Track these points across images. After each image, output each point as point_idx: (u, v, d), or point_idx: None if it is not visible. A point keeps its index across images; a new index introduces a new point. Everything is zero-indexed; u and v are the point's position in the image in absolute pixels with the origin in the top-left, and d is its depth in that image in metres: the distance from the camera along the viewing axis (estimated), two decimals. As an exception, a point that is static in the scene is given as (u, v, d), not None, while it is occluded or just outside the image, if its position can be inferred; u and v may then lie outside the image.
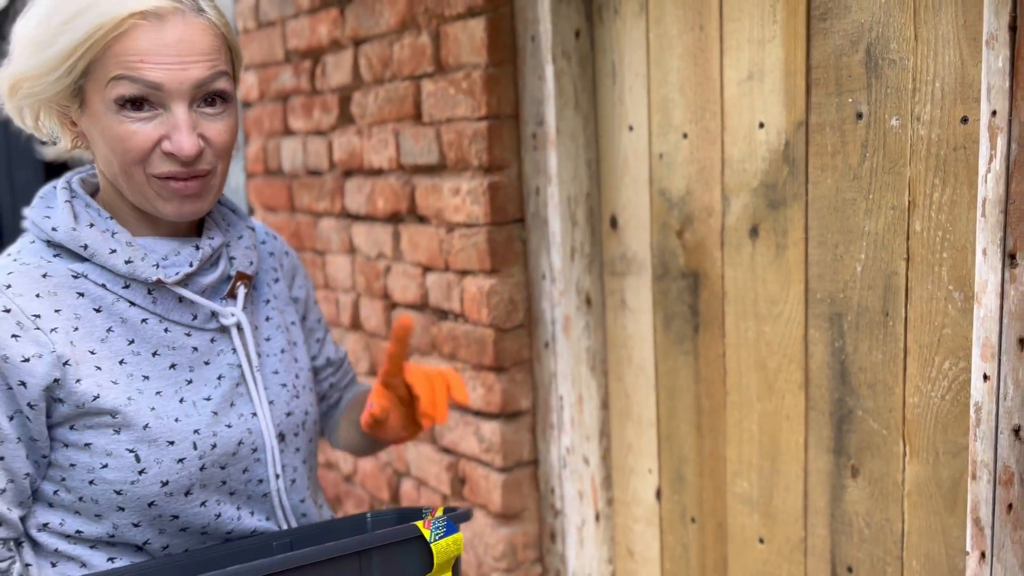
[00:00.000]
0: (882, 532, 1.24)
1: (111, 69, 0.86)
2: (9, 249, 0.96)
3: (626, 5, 1.46)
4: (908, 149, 1.15)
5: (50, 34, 0.86)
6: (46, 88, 0.88)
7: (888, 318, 1.20)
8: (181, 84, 0.87)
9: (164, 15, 0.86)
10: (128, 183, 0.91)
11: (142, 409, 0.91)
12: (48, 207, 0.94)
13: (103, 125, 0.88)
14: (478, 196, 1.55)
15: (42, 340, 0.88)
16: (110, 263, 0.92)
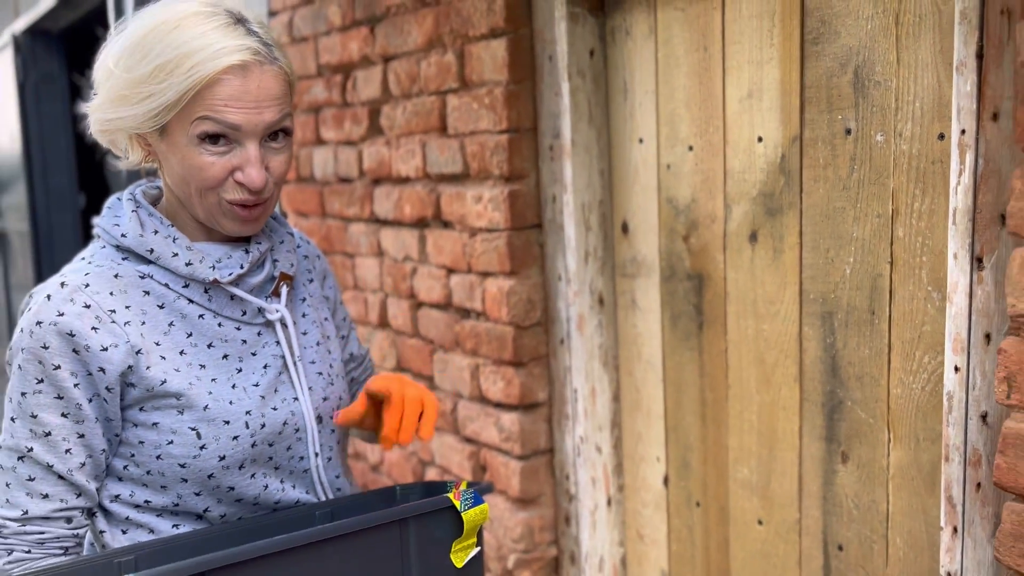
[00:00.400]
0: (869, 512, 1.36)
1: (197, 110, 0.97)
2: (82, 253, 1.08)
3: (637, 27, 1.58)
4: (891, 162, 1.26)
5: (147, 80, 0.97)
6: (138, 124, 0.99)
7: (874, 316, 1.31)
8: (256, 126, 0.99)
9: (248, 66, 0.97)
10: (200, 202, 1.02)
11: (201, 393, 1.03)
12: (116, 216, 1.06)
13: (183, 154, 0.99)
14: (499, 203, 1.68)
15: (117, 332, 1.00)
16: (172, 265, 1.04)
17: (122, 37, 1.00)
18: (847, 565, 1.40)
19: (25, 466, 1.00)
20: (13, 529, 0.99)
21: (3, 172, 6.16)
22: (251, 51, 0.97)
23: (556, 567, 1.81)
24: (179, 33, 0.97)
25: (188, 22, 0.97)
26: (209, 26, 0.97)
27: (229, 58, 0.96)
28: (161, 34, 0.97)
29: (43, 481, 1.00)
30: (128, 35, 1.00)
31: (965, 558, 1.13)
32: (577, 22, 1.60)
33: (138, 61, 0.97)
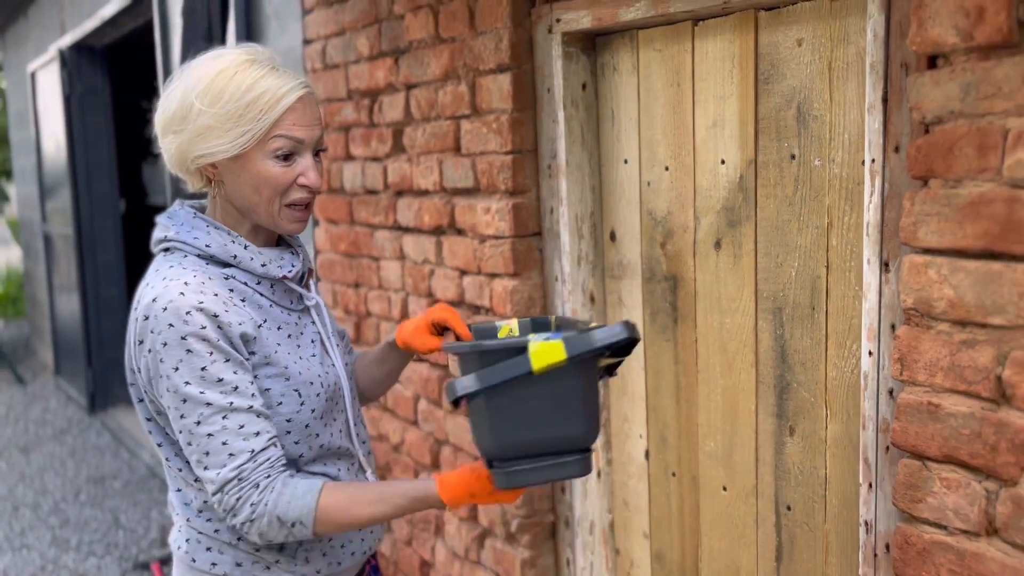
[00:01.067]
0: (811, 477, 1.61)
1: (272, 132, 1.23)
2: (168, 262, 1.27)
3: (622, 64, 1.84)
4: (827, 183, 1.52)
5: (233, 116, 1.22)
6: (224, 150, 1.24)
7: (814, 311, 1.56)
8: (313, 140, 1.27)
9: (304, 97, 1.25)
10: (267, 208, 1.27)
11: (291, 363, 1.30)
12: (191, 231, 1.30)
13: (257, 169, 1.25)
14: (504, 214, 1.94)
15: (240, 312, 1.25)
16: (251, 267, 1.29)
17: (188, 83, 1.25)
18: (794, 522, 1.65)
19: (232, 419, 1.21)
20: (249, 469, 1.21)
21: (49, 179, 6.52)
22: (303, 86, 1.26)
23: (553, 531, 2.07)
24: (242, 78, 1.22)
25: (243, 68, 1.23)
26: (262, 71, 1.24)
27: (295, 92, 1.24)
28: (226, 79, 1.22)
29: (250, 423, 1.22)
30: (196, 81, 1.24)
31: (878, 509, 1.38)
32: (571, 60, 1.86)
33: (215, 101, 1.22)
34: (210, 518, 1.33)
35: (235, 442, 1.21)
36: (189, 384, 1.20)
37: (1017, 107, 1.09)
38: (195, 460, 1.23)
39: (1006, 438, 1.12)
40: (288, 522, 1.23)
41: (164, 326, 1.20)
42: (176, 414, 1.23)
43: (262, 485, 1.22)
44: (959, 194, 1.16)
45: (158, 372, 1.22)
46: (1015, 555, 1.13)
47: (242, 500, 1.21)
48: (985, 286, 1.14)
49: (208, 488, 1.24)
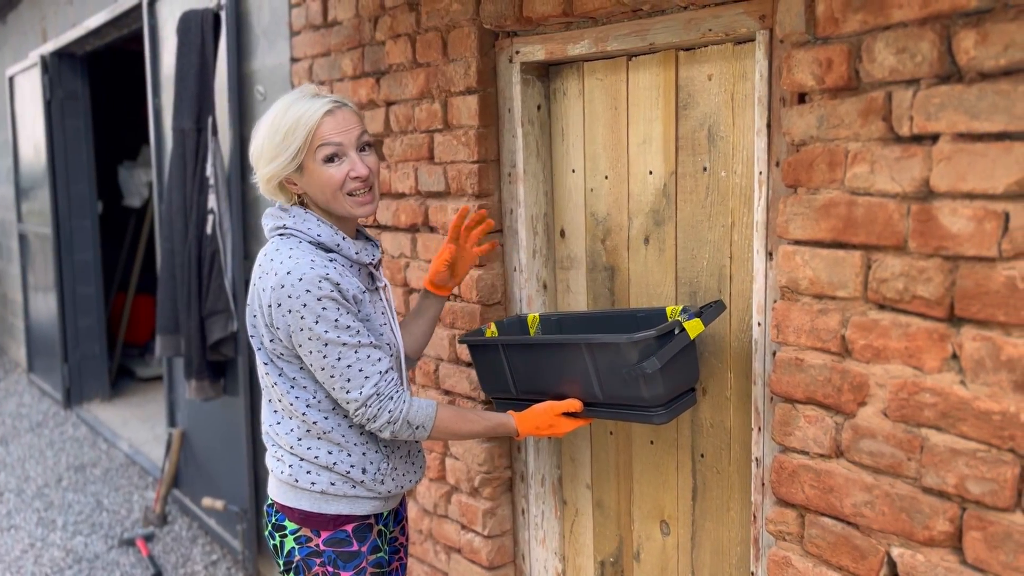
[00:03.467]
0: (719, 429, 1.98)
1: (316, 142, 1.63)
2: (291, 247, 1.64)
3: (570, 89, 2.21)
4: (730, 190, 1.89)
5: (283, 141, 1.62)
6: (285, 167, 1.64)
7: (721, 294, 1.93)
8: (351, 140, 1.66)
9: (333, 110, 1.64)
10: (336, 202, 1.67)
11: (376, 326, 1.72)
12: (305, 222, 1.68)
13: (317, 175, 1.65)
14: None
15: (351, 281, 1.66)
16: (349, 253, 1.70)
17: (262, 124, 1.67)
18: (706, 467, 2.02)
19: (362, 351, 1.62)
20: (383, 385, 1.64)
21: (25, 181, 6.72)
22: (331, 101, 1.65)
23: (510, 485, 2.41)
24: (286, 108, 1.64)
25: (290, 103, 1.65)
26: (304, 100, 1.65)
27: (324, 108, 1.63)
28: (280, 114, 1.64)
29: (374, 353, 1.64)
30: (265, 122, 1.66)
31: (764, 447, 1.76)
32: (528, 85, 2.22)
33: (274, 133, 1.64)
34: (310, 446, 1.71)
35: (368, 367, 1.63)
36: (328, 332, 1.59)
37: (855, 134, 1.47)
38: (339, 387, 1.62)
39: (848, 381, 1.50)
40: (414, 425, 1.67)
41: (302, 291, 1.58)
42: (319, 355, 1.61)
43: (395, 397, 1.66)
44: (816, 199, 1.53)
45: (299, 326, 1.59)
46: (854, 470, 1.51)
47: (382, 409, 1.64)
48: (833, 268, 1.51)
49: (351, 406, 1.64)
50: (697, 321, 1.72)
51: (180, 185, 3.46)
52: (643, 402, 1.72)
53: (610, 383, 1.74)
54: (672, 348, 1.68)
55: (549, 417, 1.81)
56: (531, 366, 1.88)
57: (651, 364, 1.66)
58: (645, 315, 1.89)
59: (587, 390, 1.79)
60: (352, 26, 2.70)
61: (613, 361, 1.71)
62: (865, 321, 1.47)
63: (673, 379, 1.73)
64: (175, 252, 3.53)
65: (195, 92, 3.36)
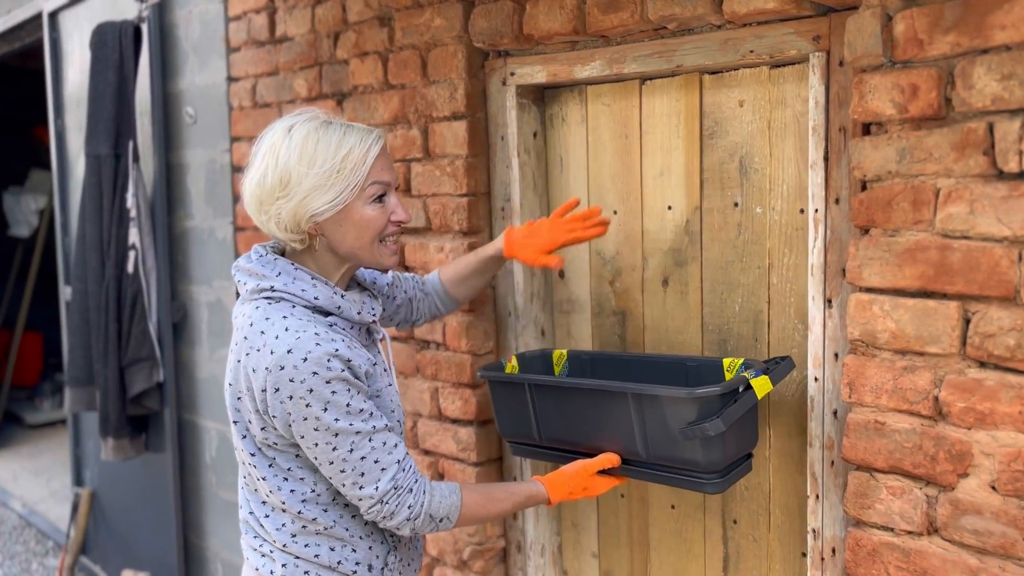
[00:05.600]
0: (756, 492, 1.78)
1: (367, 181, 1.38)
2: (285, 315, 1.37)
3: (571, 116, 1.99)
4: (767, 228, 1.71)
5: (334, 177, 1.35)
6: (333, 203, 1.36)
7: (757, 343, 1.75)
8: (395, 179, 1.44)
9: (382, 146, 1.40)
10: (369, 250, 1.41)
11: (386, 395, 1.47)
12: (296, 281, 1.40)
13: (359, 216, 1.39)
14: (459, 253, 2.04)
15: (360, 354, 1.39)
16: (350, 315, 1.43)
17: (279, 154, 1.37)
18: (740, 534, 1.82)
19: (376, 439, 1.37)
20: (401, 478, 1.40)
21: None
22: (380, 136, 1.41)
23: (504, 556, 2.16)
24: (329, 138, 1.37)
25: (323, 130, 1.38)
26: (340, 129, 1.39)
27: (379, 142, 1.40)
28: (315, 142, 1.37)
29: (389, 439, 1.40)
30: (287, 150, 1.37)
31: (824, 516, 1.57)
32: (524, 110, 1.99)
33: (312, 163, 1.35)
34: (307, 543, 1.43)
35: (384, 458, 1.38)
36: (339, 420, 1.33)
37: (947, 169, 1.30)
38: (350, 483, 1.37)
39: (944, 449, 1.32)
40: (438, 518, 1.45)
41: (308, 374, 1.31)
42: (326, 448, 1.34)
43: (415, 489, 1.42)
44: (897, 242, 1.36)
45: (302, 415, 1.32)
46: (953, 550, 1.33)
47: (400, 505, 1.40)
48: (922, 320, 1.34)
49: (364, 503, 1.38)
50: (765, 379, 1.51)
51: (96, 218, 3.07)
52: (696, 467, 1.51)
53: (658, 441, 1.53)
54: (738, 409, 1.48)
55: (583, 479, 1.60)
56: (562, 412, 1.66)
57: (715, 426, 1.45)
58: (697, 365, 1.69)
59: (627, 446, 1.58)
60: (307, 42, 2.42)
61: (666, 417, 1.50)
62: (964, 381, 1.30)
63: (733, 444, 1.53)
64: (89, 293, 3.12)
65: (113, 114, 2.99)
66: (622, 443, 1.59)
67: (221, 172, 2.87)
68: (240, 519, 1.53)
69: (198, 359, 3.09)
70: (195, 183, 3.01)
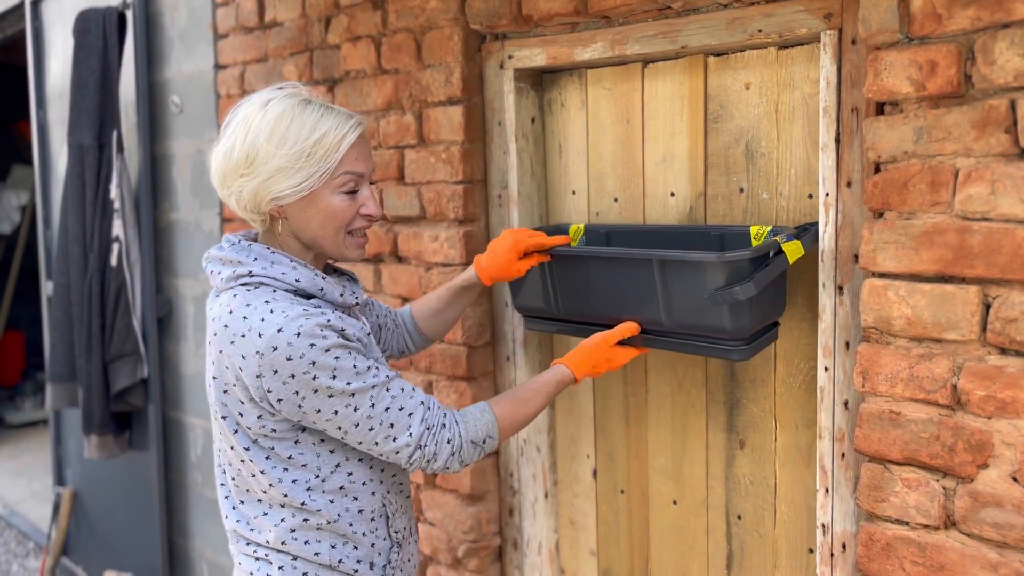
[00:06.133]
0: (761, 487, 1.73)
1: (339, 170, 1.31)
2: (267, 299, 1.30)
3: (570, 100, 1.93)
4: (774, 215, 1.66)
5: (302, 156, 1.28)
6: (296, 189, 1.29)
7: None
8: (370, 171, 1.37)
9: (359, 134, 1.33)
10: (333, 240, 1.34)
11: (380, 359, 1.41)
12: (274, 265, 1.34)
13: (325, 205, 1.31)
14: (455, 242, 1.98)
15: (351, 322, 1.34)
16: (332, 297, 1.37)
17: (251, 128, 1.29)
18: (744, 530, 1.76)
19: (394, 386, 1.34)
20: (430, 417, 1.36)
21: None
22: (360, 122, 1.34)
23: (500, 554, 2.09)
24: (303, 119, 1.29)
25: (300, 109, 1.30)
26: (319, 111, 1.31)
27: (356, 130, 1.32)
28: (288, 121, 1.28)
29: (404, 384, 1.36)
30: (258, 126, 1.29)
31: (834, 511, 1.51)
32: (522, 94, 1.94)
33: (282, 143, 1.28)
34: (307, 540, 1.36)
35: (407, 402, 1.35)
36: (351, 383, 1.29)
37: (966, 149, 1.26)
38: (383, 438, 1.32)
39: (962, 440, 1.27)
40: (480, 440, 1.41)
41: (305, 348, 1.25)
42: (349, 411, 1.29)
43: (447, 424, 1.38)
44: (914, 225, 1.31)
45: (311, 388, 1.27)
46: (972, 544, 1.28)
47: (440, 442, 1.36)
48: (940, 305, 1.29)
49: (403, 453, 1.34)
50: (797, 243, 1.46)
51: (78, 209, 2.99)
52: (722, 334, 1.47)
53: (683, 309, 1.48)
54: (770, 272, 1.42)
55: (604, 351, 1.56)
56: (581, 283, 1.61)
57: (746, 290, 1.39)
58: (721, 234, 1.63)
59: (650, 315, 1.54)
60: (297, 27, 2.35)
61: (693, 284, 1.45)
62: (985, 368, 1.25)
63: (760, 310, 1.47)
64: (71, 287, 3.04)
65: (96, 102, 2.91)
66: (644, 312, 1.54)
67: (208, 163, 2.79)
68: (228, 529, 1.46)
69: (183, 355, 3.02)
70: (181, 174, 2.93)
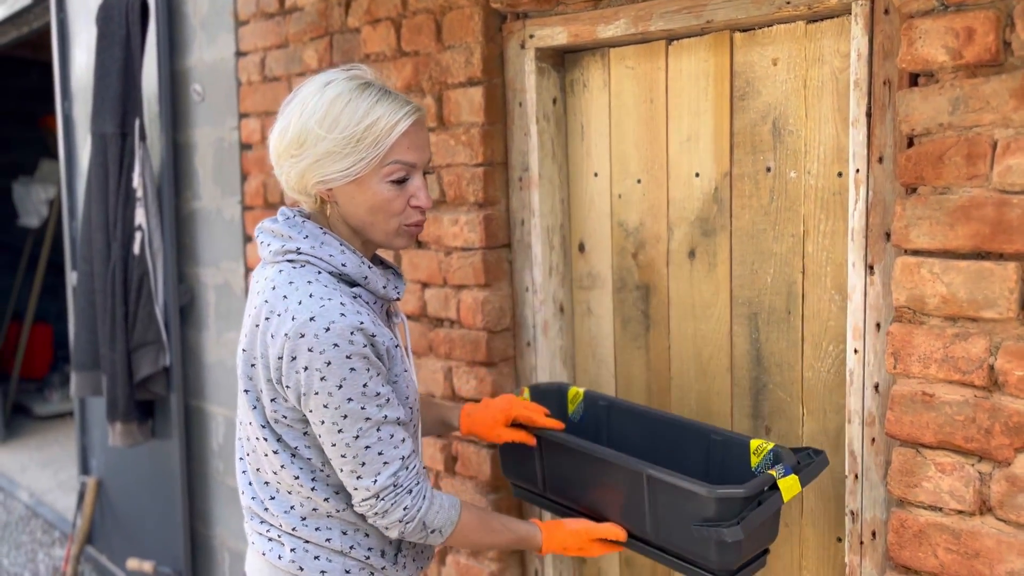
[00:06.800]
0: (788, 474, 1.68)
1: (388, 158, 1.27)
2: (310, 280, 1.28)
3: (593, 81, 1.90)
4: (802, 194, 1.61)
5: (351, 144, 1.25)
6: (344, 173, 1.27)
7: (790, 315, 1.65)
8: (424, 162, 1.33)
9: (418, 120, 1.29)
10: (383, 228, 1.31)
11: (402, 378, 1.36)
12: (323, 246, 1.31)
13: (373, 192, 1.28)
14: (475, 225, 1.95)
15: (384, 331, 1.30)
16: (376, 288, 1.34)
17: (305, 110, 1.27)
18: (770, 519, 1.72)
19: (385, 430, 1.28)
20: (403, 476, 1.30)
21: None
22: (416, 110, 1.29)
23: (521, 543, 2.06)
24: (357, 103, 1.26)
25: (357, 93, 1.27)
26: (375, 96, 1.28)
27: (410, 118, 1.28)
28: (342, 104, 1.26)
29: (398, 433, 1.30)
30: (313, 107, 1.27)
31: (864, 497, 1.47)
32: (543, 75, 1.90)
33: (333, 127, 1.26)
34: (318, 527, 1.35)
35: (388, 451, 1.28)
36: (351, 400, 1.24)
37: (1005, 119, 1.21)
38: (348, 470, 1.28)
39: (1000, 422, 1.22)
40: (430, 528, 1.34)
41: (328, 346, 1.22)
42: (334, 428, 1.25)
43: (414, 492, 1.32)
44: (949, 199, 1.26)
45: (315, 388, 1.23)
46: (1009, 530, 1.23)
47: (396, 504, 1.30)
48: (976, 283, 1.24)
49: (359, 494, 1.29)
50: (794, 479, 1.38)
51: (101, 198, 2.99)
52: (708, 563, 1.39)
53: (669, 528, 1.41)
54: (759, 515, 1.35)
55: (582, 540, 1.48)
56: (571, 470, 1.54)
57: (733, 533, 1.32)
58: (722, 440, 1.55)
59: (636, 523, 1.46)
60: (317, 11, 2.33)
61: (679, 507, 1.38)
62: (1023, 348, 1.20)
63: (750, 544, 1.39)
64: (94, 275, 3.05)
65: (119, 91, 2.91)
66: (629, 517, 1.47)
67: (229, 151, 2.79)
68: (243, 505, 1.44)
69: (205, 343, 3.02)
70: (203, 162, 2.93)
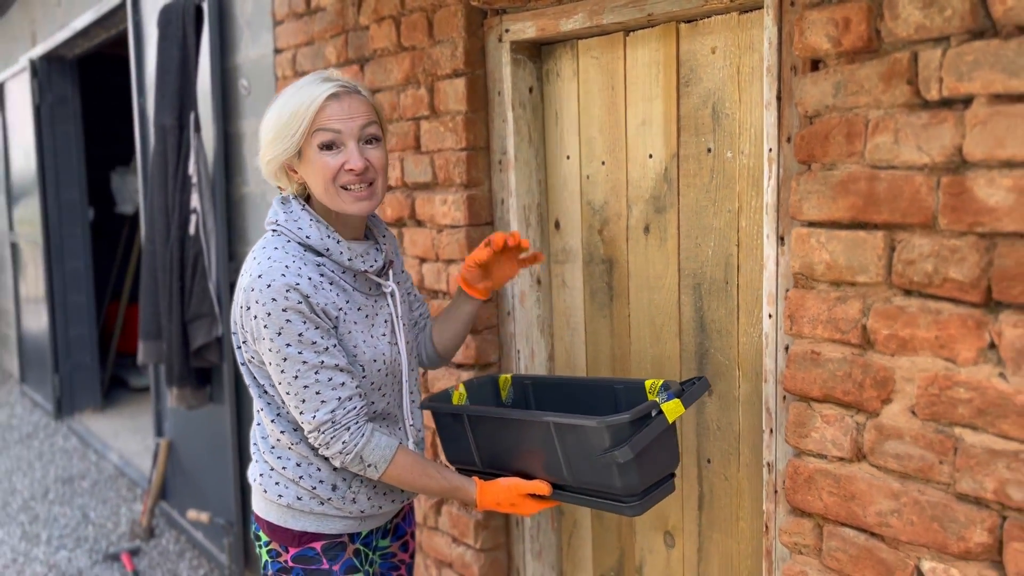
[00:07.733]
0: (727, 432, 1.82)
1: (313, 127, 1.47)
2: (273, 244, 1.51)
3: (564, 70, 2.06)
4: (737, 172, 1.74)
5: (283, 127, 1.48)
6: (286, 152, 1.49)
7: (728, 285, 1.78)
8: (351, 129, 1.49)
9: (339, 94, 1.49)
10: (328, 195, 1.51)
11: (360, 343, 1.54)
12: (295, 220, 1.53)
13: (314, 162, 1.49)
14: (460, 205, 2.15)
15: (326, 296, 1.50)
16: (339, 259, 1.53)
17: (272, 108, 1.52)
18: (713, 474, 1.86)
19: (324, 373, 1.47)
20: (340, 414, 1.49)
21: (16, 188, 6.60)
22: (337, 85, 1.49)
23: (504, 495, 2.26)
24: (291, 93, 1.50)
25: (295, 87, 1.51)
26: (313, 84, 1.50)
27: (327, 92, 1.48)
28: (283, 99, 1.51)
29: (337, 377, 1.48)
30: (270, 110, 1.52)
31: (777, 450, 1.60)
32: (519, 66, 2.08)
33: (280, 115, 1.49)
34: (280, 456, 1.57)
35: (326, 392, 1.47)
36: (289, 346, 1.45)
37: (875, 101, 1.32)
38: (293, 405, 1.49)
39: (870, 376, 1.35)
40: (367, 462, 1.51)
41: (268, 299, 1.44)
42: (276, 369, 1.47)
43: (352, 429, 1.50)
44: (833, 175, 1.39)
45: (261, 335, 1.46)
46: (879, 475, 1.35)
47: (335, 438, 1.49)
48: (853, 250, 1.36)
49: (306, 427, 1.49)
50: (677, 402, 1.53)
51: (162, 184, 3.33)
52: (615, 490, 1.53)
53: (579, 467, 1.55)
54: (647, 435, 1.49)
55: (513, 495, 1.61)
56: (496, 440, 1.68)
57: (624, 453, 1.47)
58: (624, 387, 1.71)
59: (554, 472, 1.60)
60: (335, 11, 2.57)
61: (582, 445, 1.52)
62: (889, 309, 1.32)
63: (649, 467, 1.54)
64: (157, 253, 3.39)
65: (177, 87, 3.23)
66: (549, 468, 1.60)
67: (270, 139, 3.06)
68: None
69: (253, 316, 3.31)
70: (250, 151, 3.22)
